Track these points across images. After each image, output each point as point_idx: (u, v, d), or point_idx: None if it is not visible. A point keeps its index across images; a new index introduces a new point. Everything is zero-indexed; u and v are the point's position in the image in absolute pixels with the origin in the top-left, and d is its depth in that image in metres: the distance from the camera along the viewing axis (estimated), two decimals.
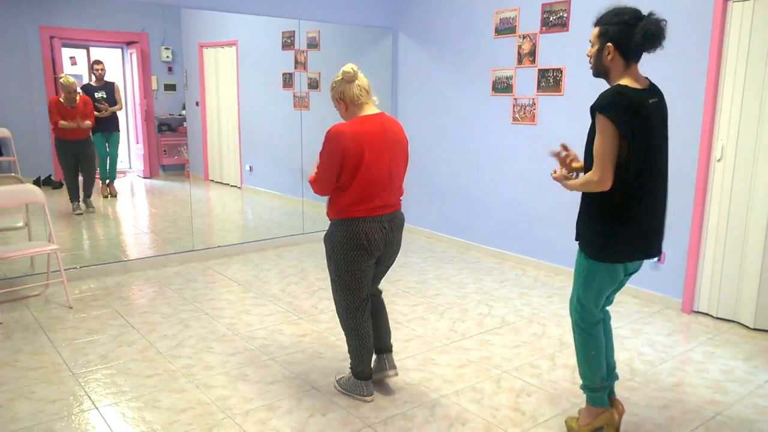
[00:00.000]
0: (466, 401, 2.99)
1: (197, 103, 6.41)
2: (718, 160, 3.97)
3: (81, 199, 5.53)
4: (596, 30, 2.41)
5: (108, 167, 5.84)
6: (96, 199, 5.72)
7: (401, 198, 2.95)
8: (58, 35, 5.15)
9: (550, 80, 4.94)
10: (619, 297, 4.50)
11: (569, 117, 4.86)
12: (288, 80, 6.42)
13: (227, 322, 3.99)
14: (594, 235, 2.47)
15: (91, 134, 5.43)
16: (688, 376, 3.30)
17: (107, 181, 5.86)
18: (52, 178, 5.31)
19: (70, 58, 5.44)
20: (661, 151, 2.45)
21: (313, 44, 6.27)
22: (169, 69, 5.75)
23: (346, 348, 3.57)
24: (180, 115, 6.09)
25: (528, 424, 2.79)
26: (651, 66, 3.94)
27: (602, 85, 4.76)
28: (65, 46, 5.29)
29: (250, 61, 6.36)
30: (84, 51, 5.62)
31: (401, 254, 5.70)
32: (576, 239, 2.58)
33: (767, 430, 2.77)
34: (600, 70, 2.46)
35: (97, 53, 5.65)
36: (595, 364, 2.59)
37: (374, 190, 2.74)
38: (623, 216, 2.39)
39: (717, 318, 4.10)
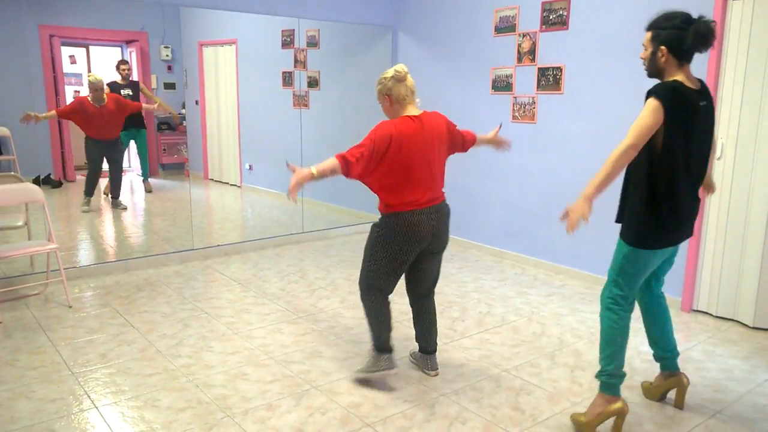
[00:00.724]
0: (465, 400, 2.99)
1: (197, 102, 6.41)
2: (718, 159, 3.96)
3: (91, 196, 5.61)
4: (649, 34, 2.55)
5: (141, 164, 5.99)
6: (96, 199, 5.71)
7: (443, 189, 3.10)
8: (58, 34, 5.15)
9: (550, 79, 4.94)
10: None
11: (569, 115, 4.86)
12: (288, 79, 6.41)
13: (227, 321, 3.99)
14: (635, 223, 2.58)
15: (120, 135, 5.57)
16: (688, 374, 3.28)
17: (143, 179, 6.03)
18: (52, 177, 5.32)
19: (70, 56, 5.44)
20: (703, 154, 2.61)
21: (312, 43, 6.27)
22: (169, 68, 5.75)
23: (345, 347, 3.58)
24: (180, 113, 6.09)
25: (527, 423, 2.79)
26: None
27: (604, 85, 4.74)
28: (65, 44, 5.29)
29: (250, 59, 6.35)
30: (84, 50, 5.62)
31: None
32: (617, 220, 2.69)
33: (766, 429, 2.77)
34: (654, 71, 2.59)
35: (97, 52, 5.65)
36: (618, 352, 2.66)
37: (419, 186, 2.91)
38: (665, 205, 2.51)
39: (716, 317, 4.10)
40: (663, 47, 2.49)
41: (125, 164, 6.12)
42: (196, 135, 6.47)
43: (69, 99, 5.32)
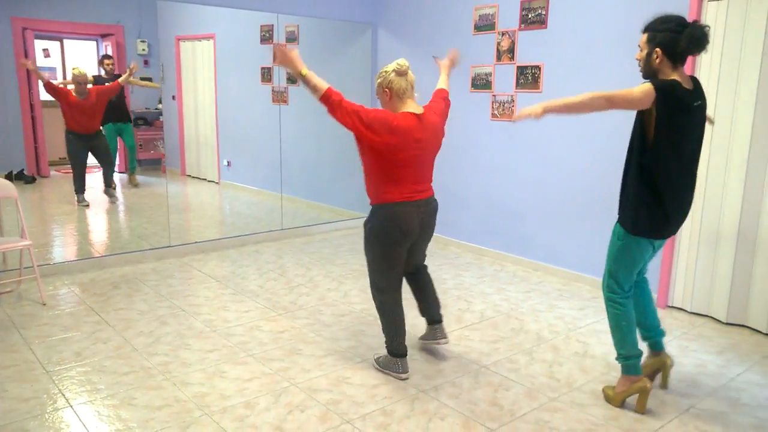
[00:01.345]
0: (444, 396, 3.00)
1: (174, 97, 6.33)
2: None
3: (84, 192, 5.60)
4: (645, 36, 2.67)
5: (127, 159, 5.95)
6: (67, 192, 5.62)
7: (431, 183, 3.17)
8: (31, 27, 5.05)
9: (529, 77, 4.97)
10: (595, 292, 4.55)
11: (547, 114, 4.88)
12: (266, 75, 6.37)
13: (204, 318, 3.95)
14: (632, 212, 2.73)
15: (101, 127, 5.53)
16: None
17: (130, 173, 6.01)
18: (25, 172, 5.22)
19: (43, 50, 5.33)
20: (695, 152, 2.74)
21: (292, 38, 6.23)
22: (145, 62, 5.67)
23: (324, 345, 3.57)
24: (156, 109, 6.01)
25: (506, 419, 2.81)
26: (631, 66, 3.98)
27: (582, 83, 4.78)
28: (38, 38, 5.19)
29: (228, 55, 6.30)
30: (58, 43, 5.52)
31: None
32: (621, 224, 2.82)
33: (739, 422, 2.82)
34: (649, 72, 2.69)
35: (71, 45, 5.55)
36: (628, 335, 2.87)
37: (408, 180, 2.97)
38: (657, 199, 2.67)
39: (691, 313, 4.17)
40: (658, 49, 2.60)
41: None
42: (173, 130, 6.39)
43: (42, 92, 5.23)
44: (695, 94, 2.64)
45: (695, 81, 2.70)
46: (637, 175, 2.68)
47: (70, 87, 5.23)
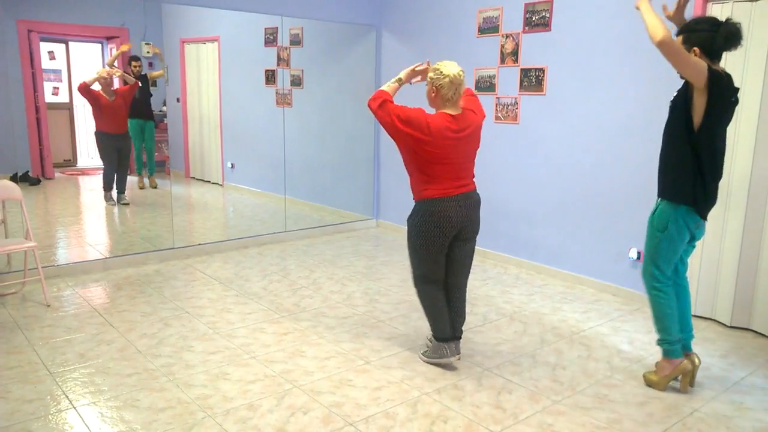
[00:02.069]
0: (447, 398, 3.00)
1: (178, 100, 6.35)
2: None
3: (117, 192, 5.75)
4: (680, 38, 2.82)
5: (146, 159, 6.04)
6: (72, 194, 5.64)
7: (474, 179, 3.29)
8: (37, 29, 5.08)
9: (533, 80, 4.97)
10: (599, 295, 4.54)
11: (551, 116, 4.89)
12: (270, 77, 6.38)
13: (208, 320, 3.96)
14: (679, 184, 2.88)
15: (128, 125, 5.68)
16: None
17: (149, 175, 6.08)
18: (30, 174, 5.24)
19: (49, 52, 5.36)
20: (725, 144, 2.93)
21: (296, 41, 6.25)
22: (150, 65, 5.69)
23: (327, 347, 3.57)
24: (161, 111, 6.03)
25: (509, 422, 2.80)
26: (635, 68, 3.98)
27: (586, 86, 4.76)
28: (43, 40, 5.21)
29: (232, 57, 6.31)
30: (63, 45, 5.54)
31: (385, 252, 5.70)
32: (660, 195, 2.99)
33: (743, 426, 2.81)
34: None
35: (76, 48, 5.58)
36: (670, 320, 3.03)
37: (446, 178, 3.10)
38: (700, 175, 2.83)
39: (695, 316, 4.15)
40: (696, 48, 2.74)
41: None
42: (177, 133, 6.41)
43: (48, 95, 5.26)
44: (732, 87, 2.81)
45: (728, 75, 2.82)
46: (684, 156, 2.83)
47: (97, 87, 5.38)
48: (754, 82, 3.70)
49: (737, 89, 2.84)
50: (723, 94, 2.75)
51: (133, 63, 5.60)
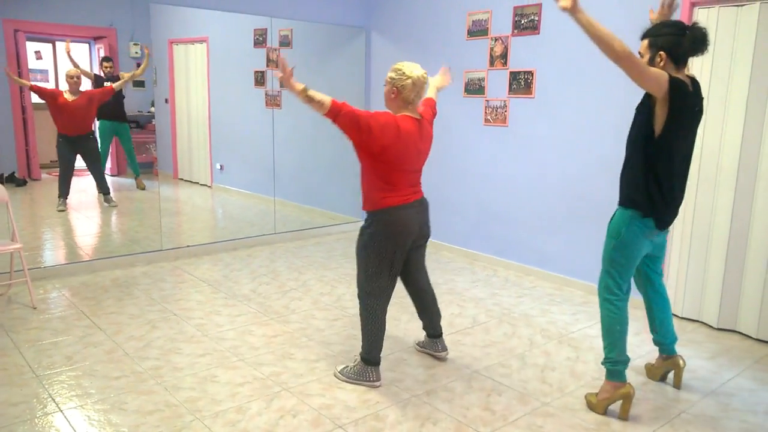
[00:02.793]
0: (437, 401, 3.00)
1: (166, 100, 6.31)
2: None
3: (66, 197, 5.49)
4: (645, 42, 2.74)
5: (128, 161, 5.92)
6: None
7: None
8: (23, 29, 5.03)
9: (522, 82, 4.99)
10: (587, 297, 4.57)
11: (540, 119, 4.91)
12: (260, 78, 6.36)
13: (196, 322, 3.94)
14: (635, 192, 2.79)
15: (94, 129, 5.48)
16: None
17: (135, 177, 5.97)
18: (16, 175, 5.18)
19: (35, 52, 5.31)
20: (690, 152, 2.85)
21: (285, 42, 6.23)
22: (138, 65, 5.66)
23: (316, 349, 3.56)
24: (149, 112, 5.99)
25: (498, 423, 2.81)
26: (619, 70, 3.98)
27: (574, 89, 4.80)
28: (30, 39, 5.16)
29: (221, 58, 6.28)
30: (50, 45, 5.49)
31: None
32: (620, 203, 2.88)
33: (730, 427, 2.83)
34: None
35: (63, 48, 5.52)
36: (619, 339, 2.86)
37: (405, 183, 3.00)
38: (658, 186, 2.74)
39: (682, 318, 4.19)
40: (662, 52, 2.67)
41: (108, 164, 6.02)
42: (165, 134, 6.37)
43: (34, 95, 5.20)
44: (697, 96, 2.75)
45: (694, 80, 2.78)
46: (641, 164, 2.75)
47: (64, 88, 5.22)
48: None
49: (700, 95, 2.79)
50: (686, 104, 2.67)
51: (105, 64, 5.51)
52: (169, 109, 6.36)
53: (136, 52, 5.59)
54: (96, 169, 5.62)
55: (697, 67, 3.92)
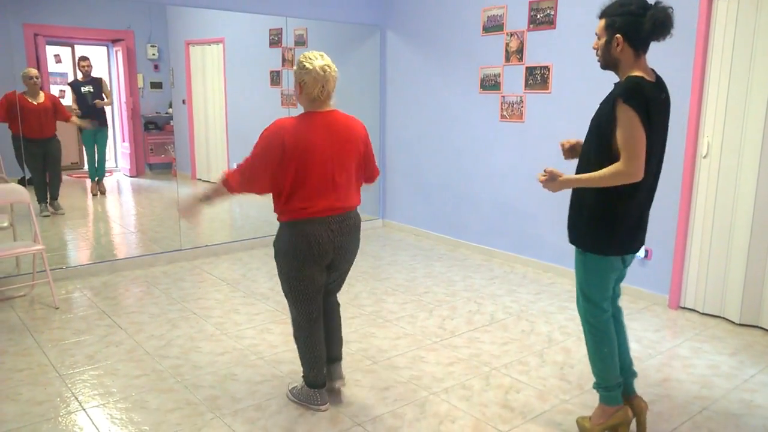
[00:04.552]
0: (455, 399, 2.99)
1: (184, 101, 6.37)
2: (704, 157, 4.00)
3: (48, 201, 5.38)
4: (602, 22, 2.38)
5: (96, 165, 5.81)
6: (79, 197, 5.66)
7: (358, 200, 2.80)
8: (43, 33, 5.10)
9: (538, 78, 4.96)
10: None
11: (557, 114, 4.88)
12: (276, 78, 6.39)
13: (216, 321, 3.97)
14: (591, 229, 2.45)
15: (56, 132, 5.22)
16: (675, 371, 3.32)
17: (96, 179, 5.84)
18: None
19: (55, 55, 5.39)
20: (660, 150, 2.45)
21: (300, 42, 6.25)
22: (155, 67, 5.71)
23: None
24: (167, 113, 6.05)
25: (517, 421, 2.80)
26: None
27: (592, 84, 4.76)
28: (50, 44, 5.24)
29: (237, 58, 6.32)
30: (69, 49, 5.57)
31: (390, 252, 5.70)
32: (570, 240, 2.57)
33: (753, 425, 2.80)
34: (609, 62, 2.42)
35: (82, 51, 5.60)
36: (609, 361, 2.55)
37: (315, 192, 2.58)
38: (619, 210, 2.39)
39: (703, 314, 4.14)
40: (618, 36, 2.32)
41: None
42: (183, 134, 6.43)
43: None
44: (658, 87, 2.37)
45: (656, 74, 2.42)
46: (601, 192, 2.38)
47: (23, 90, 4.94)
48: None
49: (663, 85, 2.41)
50: (648, 105, 2.27)
51: (82, 63, 5.43)
52: (187, 110, 6.41)
53: (154, 54, 5.65)
54: (57, 173, 5.40)
55: (716, 62, 3.86)
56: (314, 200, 2.59)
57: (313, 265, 2.65)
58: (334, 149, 2.62)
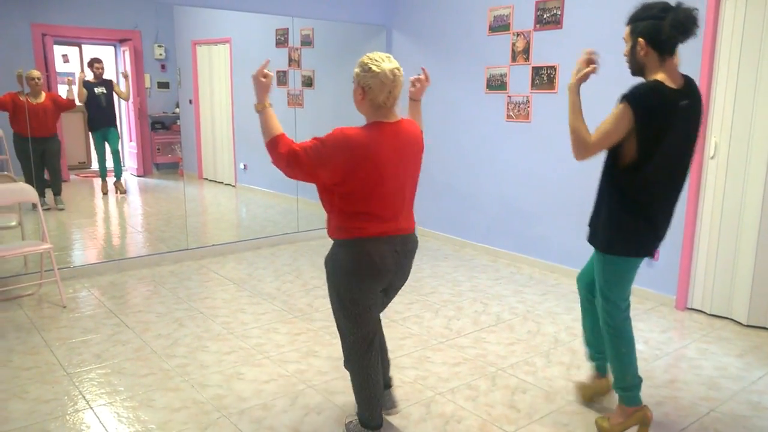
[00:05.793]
0: (461, 399, 2.99)
1: (191, 101, 6.39)
2: (712, 158, 3.98)
3: (49, 196, 5.41)
4: (628, 28, 2.43)
5: (113, 165, 5.87)
6: (86, 197, 5.68)
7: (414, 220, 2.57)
8: (50, 33, 5.13)
9: (544, 78, 4.95)
10: None
11: (563, 114, 4.85)
12: (282, 78, 6.40)
13: (222, 320, 3.98)
14: (614, 231, 2.50)
15: (56, 131, 5.24)
16: (682, 372, 3.31)
17: (114, 179, 5.91)
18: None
19: (63, 55, 5.41)
20: (683, 155, 2.48)
21: (307, 42, 6.26)
22: (162, 67, 5.74)
23: (341, 346, 3.56)
24: (173, 113, 6.07)
25: (523, 422, 2.80)
26: None
27: (599, 84, 4.71)
28: (57, 43, 5.26)
29: (244, 58, 6.34)
30: (76, 48, 5.60)
31: None
32: (589, 240, 2.64)
33: (760, 426, 2.78)
34: (636, 67, 2.47)
35: (90, 51, 5.63)
36: (627, 361, 2.59)
37: (385, 209, 2.35)
38: (641, 214, 2.45)
39: (711, 315, 4.12)
40: (641, 39, 2.35)
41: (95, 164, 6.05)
42: (190, 134, 6.45)
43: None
44: (683, 92, 2.36)
45: (687, 79, 2.43)
46: (615, 194, 2.47)
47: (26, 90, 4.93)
48: None
49: (690, 92, 2.39)
50: (660, 109, 2.30)
51: (95, 65, 5.48)
52: (194, 109, 6.43)
53: (161, 54, 5.67)
54: (57, 169, 5.41)
55: (723, 61, 3.85)
56: (382, 220, 2.35)
57: (375, 285, 2.41)
58: (405, 166, 2.39)
